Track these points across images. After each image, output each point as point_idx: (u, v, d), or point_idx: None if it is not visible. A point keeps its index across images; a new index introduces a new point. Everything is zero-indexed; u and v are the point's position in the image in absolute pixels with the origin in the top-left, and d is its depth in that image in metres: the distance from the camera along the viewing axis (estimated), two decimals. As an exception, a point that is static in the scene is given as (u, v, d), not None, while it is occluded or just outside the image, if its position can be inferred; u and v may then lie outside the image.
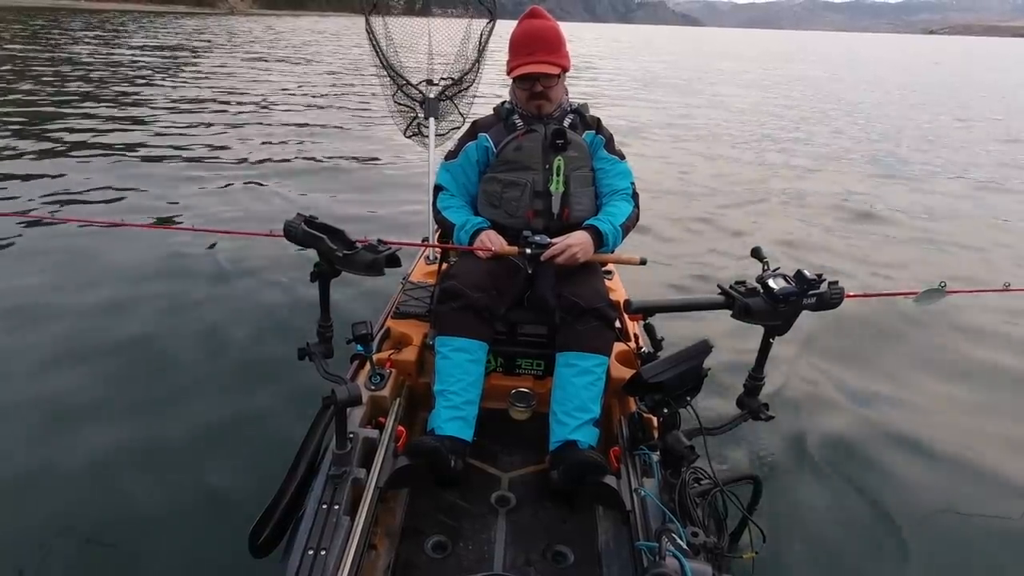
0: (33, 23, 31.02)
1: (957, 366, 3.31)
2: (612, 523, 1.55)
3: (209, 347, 3.03)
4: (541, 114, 1.97)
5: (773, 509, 2.09)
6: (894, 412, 2.84)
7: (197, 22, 46.12)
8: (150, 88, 11.83)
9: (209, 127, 8.52)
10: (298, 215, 1.50)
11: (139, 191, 5.56)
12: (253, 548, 1.46)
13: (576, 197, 1.92)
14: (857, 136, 10.59)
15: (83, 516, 2.00)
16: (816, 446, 2.55)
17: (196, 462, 2.26)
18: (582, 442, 1.65)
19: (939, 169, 8.34)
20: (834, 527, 2.15)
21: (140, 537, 1.93)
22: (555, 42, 1.92)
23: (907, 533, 2.14)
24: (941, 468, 2.49)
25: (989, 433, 2.73)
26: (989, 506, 2.30)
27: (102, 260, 4.00)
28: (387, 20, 2.92)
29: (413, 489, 1.65)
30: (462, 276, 1.79)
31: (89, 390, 2.65)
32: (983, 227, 5.86)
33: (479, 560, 1.47)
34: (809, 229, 5.50)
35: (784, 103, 14.78)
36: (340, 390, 1.38)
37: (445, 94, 2.92)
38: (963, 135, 11.28)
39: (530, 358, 1.97)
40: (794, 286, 1.40)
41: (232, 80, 13.66)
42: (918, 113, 13.98)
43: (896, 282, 4.37)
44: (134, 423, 2.46)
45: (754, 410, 1.59)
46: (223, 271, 3.90)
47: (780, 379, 2.92)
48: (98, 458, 2.25)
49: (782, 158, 8.52)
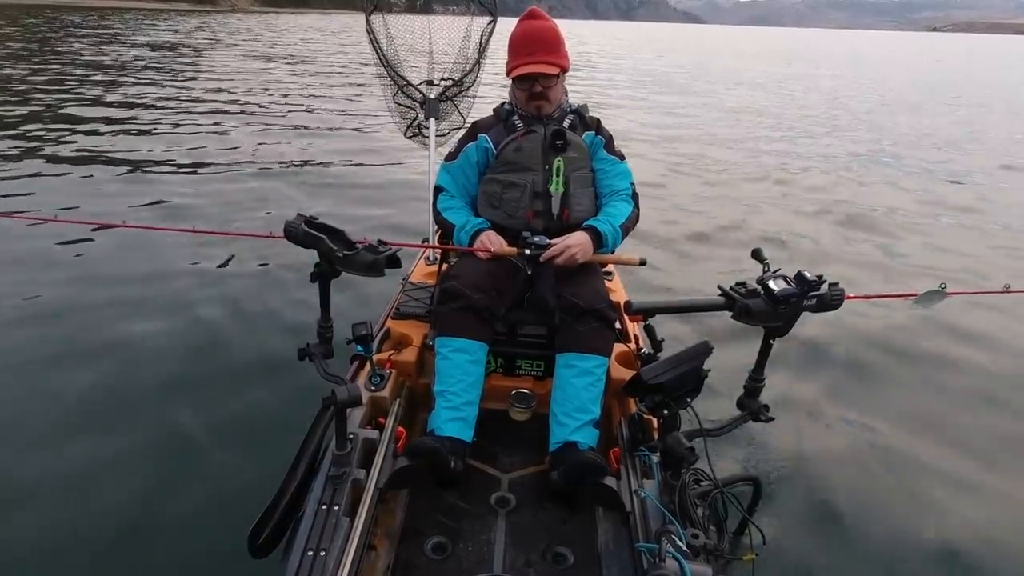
0: (32, 20, 31.08)
1: (959, 369, 3.30)
2: (612, 524, 1.55)
3: (209, 347, 3.04)
4: (541, 115, 1.97)
5: (773, 511, 2.10)
6: (895, 415, 2.84)
7: (198, 20, 46.14)
8: (151, 87, 11.82)
9: (209, 127, 8.52)
10: (298, 215, 1.50)
11: (140, 190, 5.57)
12: (253, 548, 1.46)
13: (576, 198, 1.92)
14: (856, 137, 10.58)
15: (83, 516, 2.00)
16: (816, 447, 2.55)
17: (196, 462, 2.26)
18: (582, 443, 1.65)
19: (943, 170, 8.34)
20: (834, 528, 2.15)
21: (140, 537, 1.93)
22: (554, 42, 1.92)
23: (908, 534, 2.14)
24: (942, 469, 2.49)
25: (992, 436, 2.73)
26: (990, 506, 2.30)
27: (102, 261, 4.00)
28: (388, 20, 2.92)
29: (413, 490, 1.65)
30: (462, 277, 1.79)
31: (87, 390, 2.65)
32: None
33: (479, 561, 1.47)
34: (810, 229, 5.50)
35: (785, 103, 14.77)
36: (340, 391, 1.38)
37: (445, 95, 2.92)
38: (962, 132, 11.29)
39: (530, 359, 1.97)
40: (794, 287, 1.40)
41: (232, 79, 13.65)
42: (917, 114, 13.98)
43: (897, 284, 4.38)
44: (134, 423, 2.46)
45: (754, 411, 1.59)
46: (223, 271, 3.91)
47: (780, 381, 2.92)
48: (97, 458, 2.25)
49: (782, 158, 8.52)
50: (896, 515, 2.22)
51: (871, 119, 12.71)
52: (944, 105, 15.85)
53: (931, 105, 15.78)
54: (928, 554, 2.07)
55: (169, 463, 2.26)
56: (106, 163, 6.44)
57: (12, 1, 50.11)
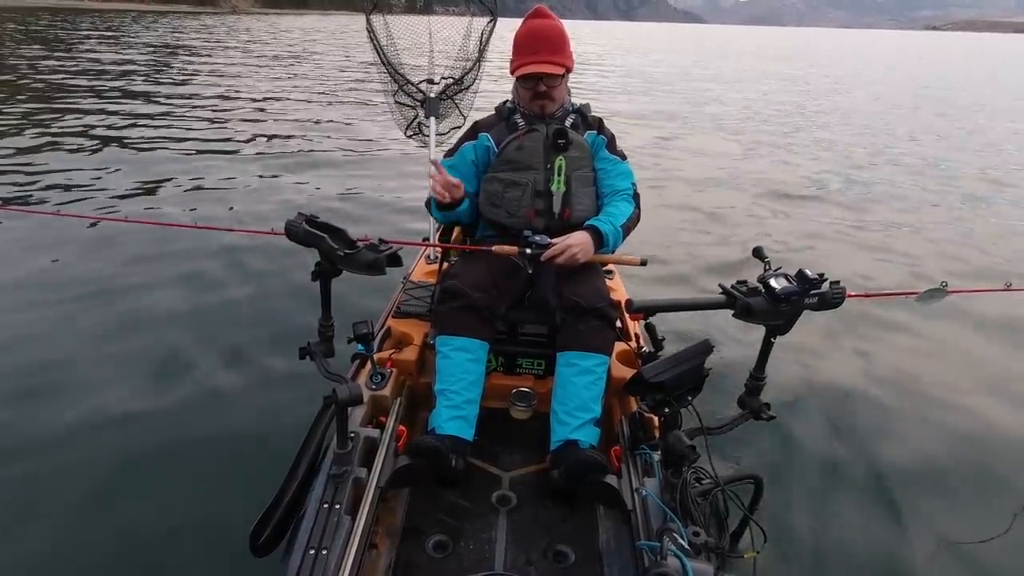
0: (39, 22, 31.10)
1: (964, 365, 3.30)
2: (613, 523, 1.55)
3: (209, 346, 3.03)
4: (544, 114, 1.97)
5: (774, 509, 2.09)
6: (897, 413, 2.84)
7: (200, 21, 46.20)
8: (152, 86, 11.83)
9: (209, 126, 8.52)
10: (299, 214, 1.50)
11: (141, 188, 5.59)
12: (254, 547, 1.46)
13: (577, 197, 1.92)
14: (857, 137, 10.57)
15: (83, 516, 2.00)
16: (817, 446, 2.55)
17: (196, 461, 2.26)
18: (583, 441, 1.65)
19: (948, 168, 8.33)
20: (835, 527, 2.15)
21: (141, 536, 1.93)
22: (559, 42, 1.91)
23: (908, 533, 2.14)
24: (945, 469, 2.49)
25: (996, 434, 2.73)
26: (991, 507, 2.30)
27: (102, 254, 4.02)
28: (388, 19, 2.92)
29: (414, 489, 1.65)
30: (463, 276, 1.79)
31: (86, 388, 2.65)
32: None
33: (480, 559, 1.47)
34: (810, 229, 5.50)
35: (786, 104, 14.75)
36: (341, 389, 1.39)
37: (446, 93, 2.92)
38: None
39: (531, 358, 1.97)
40: (795, 285, 1.40)
41: (233, 79, 13.66)
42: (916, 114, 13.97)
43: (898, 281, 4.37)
44: (133, 422, 2.46)
45: (755, 410, 1.59)
46: (223, 271, 3.90)
47: (781, 379, 2.91)
48: (97, 457, 2.25)
49: (782, 159, 8.51)
50: (897, 514, 2.22)
51: (872, 118, 12.70)
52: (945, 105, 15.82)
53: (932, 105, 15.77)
54: (928, 553, 2.07)
55: (169, 462, 2.26)
56: (108, 160, 6.47)
57: (12, 4, 50.22)
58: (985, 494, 2.37)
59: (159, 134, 7.84)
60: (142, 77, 13.23)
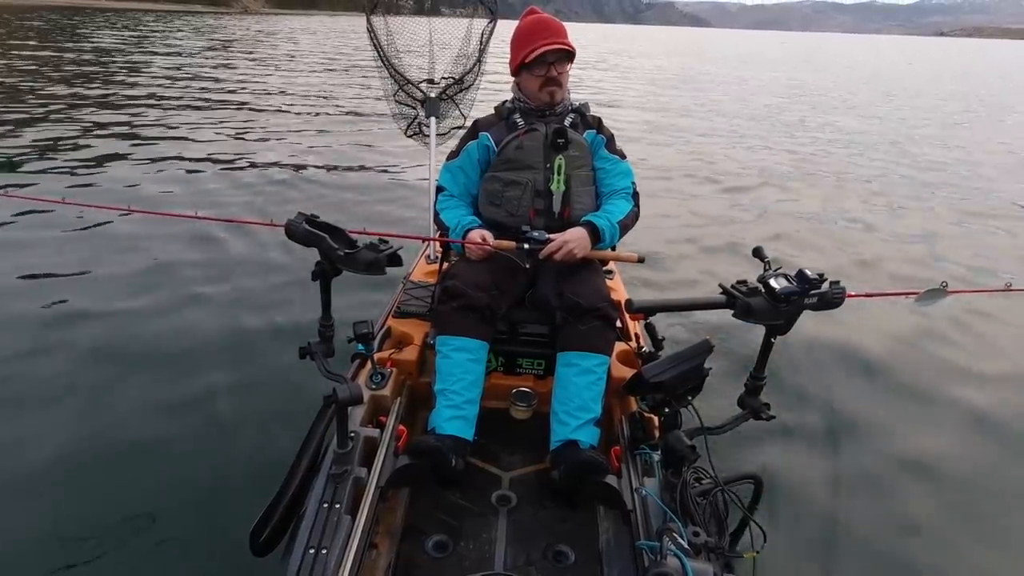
0: (51, 20, 31.12)
1: (967, 363, 3.30)
2: (613, 522, 1.55)
3: (209, 345, 3.03)
4: (553, 102, 1.97)
5: (774, 509, 2.09)
6: (898, 413, 2.84)
7: (212, 21, 46.31)
8: (154, 86, 11.83)
9: (210, 125, 8.51)
10: (299, 214, 1.50)
11: (142, 184, 5.63)
12: (254, 547, 1.46)
13: (577, 196, 1.92)
14: (856, 137, 10.57)
15: (83, 515, 2.00)
16: (817, 446, 2.55)
17: (196, 460, 2.26)
18: (583, 441, 1.65)
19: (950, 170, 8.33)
20: (835, 527, 2.15)
21: (141, 536, 1.93)
22: (562, 30, 1.95)
23: (909, 533, 2.14)
24: (945, 469, 2.49)
25: (1000, 433, 2.73)
26: (993, 508, 2.29)
27: (108, 243, 4.08)
28: (388, 19, 2.92)
29: (414, 488, 1.65)
30: (463, 275, 1.79)
31: (85, 385, 2.65)
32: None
33: (480, 559, 1.47)
34: (810, 229, 5.50)
35: (787, 105, 14.75)
36: (341, 389, 1.39)
37: (446, 93, 2.93)
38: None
39: (531, 357, 1.97)
40: (795, 285, 1.40)
41: (236, 78, 13.66)
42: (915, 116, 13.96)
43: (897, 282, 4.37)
44: (133, 420, 2.46)
45: (755, 410, 1.59)
46: (223, 271, 3.90)
47: (781, 379, 2.91)
48: (97, 456, 2.25)
49: (781, 159, 8.51)
50: (898, 513, 2.22)
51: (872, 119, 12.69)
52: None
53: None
54: (929, 553, 2.07)
55: (170, 462, 2.26)
56: (112, 154, 6.53)
57: (26, 3, 50.28)
58: (988, 494, 2.37)
59: (161, 132, 7.86)
60: (145, 74, 13.23)
